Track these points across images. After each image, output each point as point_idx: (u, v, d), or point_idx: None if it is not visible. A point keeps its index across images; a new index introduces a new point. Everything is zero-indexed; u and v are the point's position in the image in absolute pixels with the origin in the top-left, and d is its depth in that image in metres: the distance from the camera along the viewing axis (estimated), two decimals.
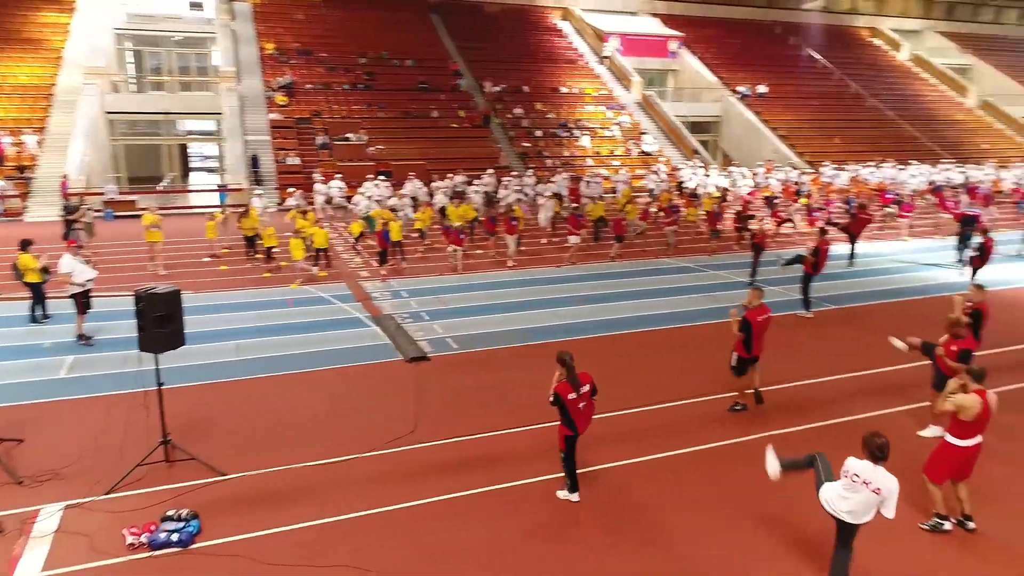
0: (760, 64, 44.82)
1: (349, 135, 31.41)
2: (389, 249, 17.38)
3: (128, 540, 6.73)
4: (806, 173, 32.03)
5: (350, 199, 24.02)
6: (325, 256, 17.59)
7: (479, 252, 19.60)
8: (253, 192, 23.34)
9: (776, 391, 10.14)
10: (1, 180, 25.95)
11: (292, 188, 24.13)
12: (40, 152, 27.97)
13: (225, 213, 19.85)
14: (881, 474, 5.46)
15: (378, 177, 26.58)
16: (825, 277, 15.23)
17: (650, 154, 35.34)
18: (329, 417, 9.59)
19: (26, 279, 12.90)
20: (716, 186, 27.28)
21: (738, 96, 41.01)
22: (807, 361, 11.63)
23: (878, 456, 5.47)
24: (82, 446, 8.55)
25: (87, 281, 12.35)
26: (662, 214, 21.32)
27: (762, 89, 41.74)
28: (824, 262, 13.98)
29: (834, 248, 16.26)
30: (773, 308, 9.78)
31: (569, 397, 7.08)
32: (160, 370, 8.02)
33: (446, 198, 22.72)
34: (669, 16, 47.34)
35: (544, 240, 21.35)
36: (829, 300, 15.19)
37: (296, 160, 29.95)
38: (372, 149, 31.24)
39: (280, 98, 33.02)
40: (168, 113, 34.48)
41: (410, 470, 8.20)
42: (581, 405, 7.22)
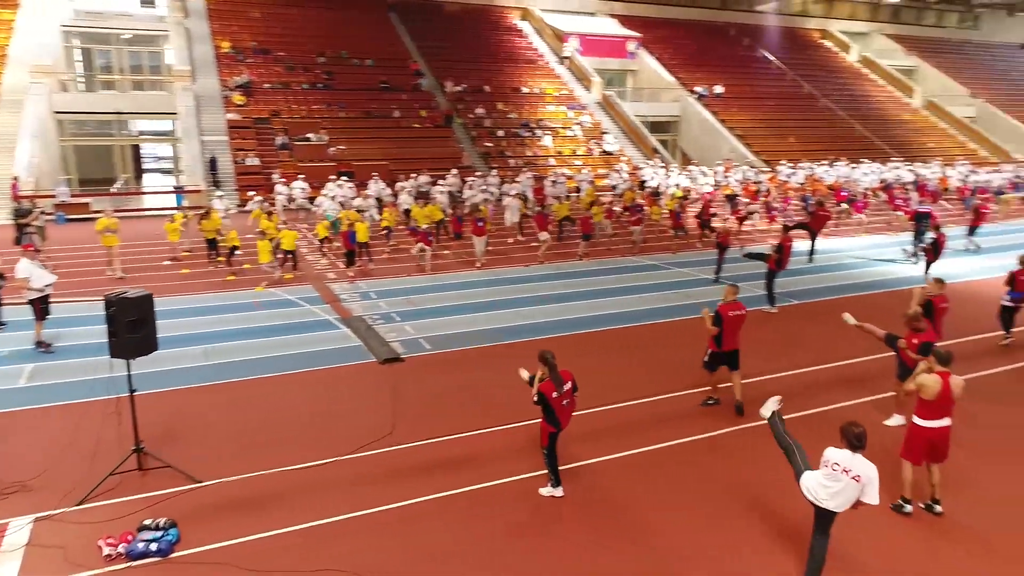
0: (716, 65, 45.65)
1: (309, 135, 31.02)
2: (356, 250, 17.22)
3: (105, 551, 6.56)
4: (763, 172, 32.73)
5: (313, 200, 23.71)
6: (292, 258, 17.36)
7: (446, 252, 19.56)
8: (214, 194, 22.87)
9: (745, 385, 10.33)
10: None
11: (252, 192, 23.69)
12: None
13: (187, 216, 19.42)
14: (860, 462, 5.64)
15: (340, 178, 26.30)
16: (787, 273, 15.61)
17: (611, 154, 35.71)
18: (305, 421, 9.48)
19: None
20: (677, 185, 27.68)
21: (695, 96, 41.69)
22: (773, 355, 11.90)
23: (856, 445, 5.65)
24: (49, 456, 8.30)
25: (46, 286, 11.98)
26: (627, 213, 21.54)
27: (719, 89, 42.51)
28: (787, 259, 14.33)
29: (795, 245, 16.64)
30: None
31: (553, 396, 7.14)
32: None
33: (411, 198, 22.62)
34: (626, 17, 47.87)
35: (511, 240, 21.41)
36: (792, 295, 15.58)
37: (256, 161, 29.46)
38: (333, 149, 30.91)
39: (237, 98, 32.43)
40: (120, 113, 33.55)
41: (391, 471, 8.17)
42: (565, 402, 7.30)
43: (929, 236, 16.91)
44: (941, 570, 6.48)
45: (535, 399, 7.24)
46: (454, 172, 27.70)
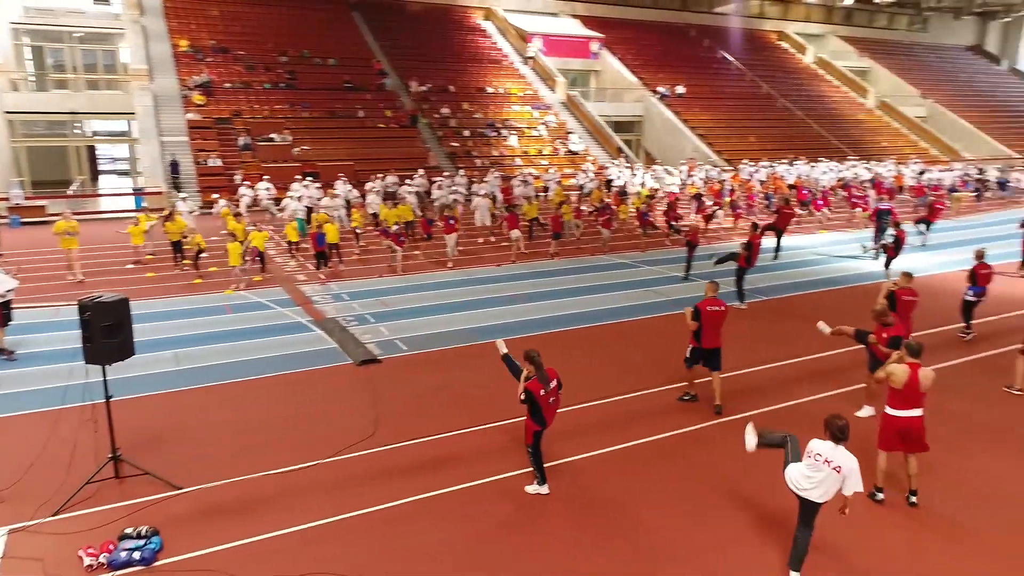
0: (677, 65, 46.26)
1: (273, 135, 30.57)
2: (326, 252, 17.06)
3: (86, 562, 6.42)
4: (726, 171, 33.29)
5: (279, 201, 23.39)
6: (261, 260, 17.12)
7: (416, 253, 19.49)
8: (177, 196, 22.40)
9: (706, 383, 10.47)
10: None
11: (216, 196, 23.25)
12: None
13: (151, 218, 18.98)
14: (841, 453, 5.82)
15: (306, 178, 25.98)
16: (754, 270, 15.89)
17: (577, 153, 35.95)
18: (284, 424, 9.38)
19: None
20: (643, 184, 27.98)
21: (658, 96, 42.19)
22: (745, 351, 12.11)
23: (839, 437, 5.82)
24: (20, 466, 8.06)
25: (7, 291, 11.63)
26: (595, 214, 21.68)
27: (680, 90, 43.08)
28: (756, 256, 14.63)
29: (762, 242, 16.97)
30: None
31: (540, 393, 7.20)
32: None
33: (379, 198, 22.46)
34: (587, 17, 48.19)
35: (481, 240, 21.43)
36: (760, 292, 15.90)
37: (218, 162, 28.92)
38: (297, 150, 30.52)
39: (197, 97, 31.79)
40: (75, 113, 32.63)
41: (375, 473, 8.14)
42: (551, 400, 7.36)
43: (890, 232, 17.40)
44: (918, 558, 6.70)
45: (522, 397, 7.28)
46: (421, 172, 27.59)
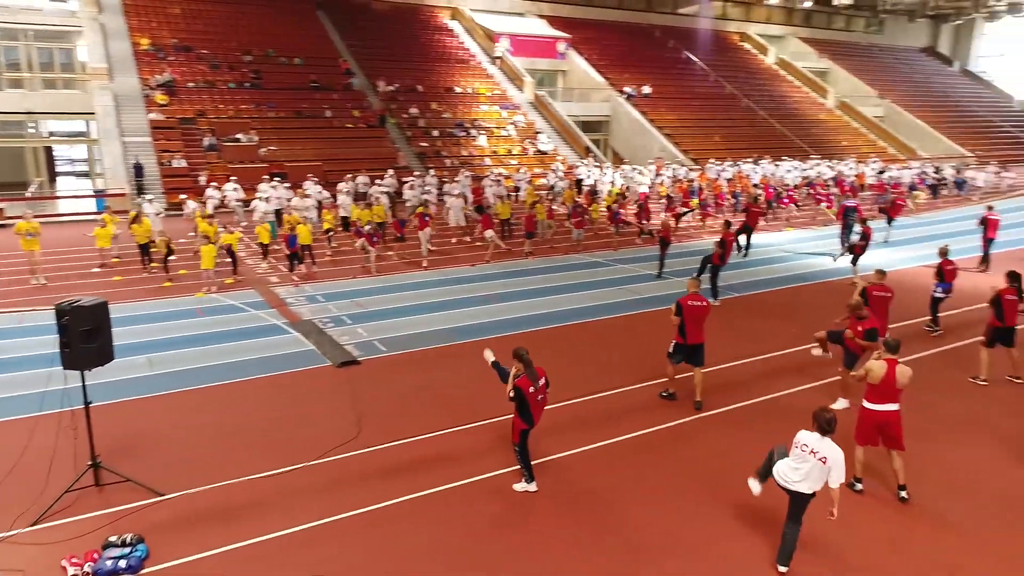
0: (643, 66, 46.70)
1: (239, 136, 30.09)
2: (299, 253, 16.89)
3: (70, 572, 6.29)
4: (693, 170, 33.72)
5: (248, 203, 23.05)
6: (233, 262, 16.87)
7: (389, 254, 19.38)
8: (144, 198, 21.93)
9: (687, 378, 10.62)
10: None
11: (184, 196, 22.82)
12: None
13: (115, 219, 18.55)
14: (827, 445, 5.98)
15: (273, 179, 25.63)
16: (725, 268, 16.14)
17: (546, 153, 36.07)
18: (266, 427, 9.28)
19: None
20: (612, 183, 28.17)
21: (625, 96, 42.55)
22: (721, 347, 12.26)
23: (826, 429, 5.99)
24: None
25: None
26: (571, 217, 21.68)
27: (647, 90, 43.50)
28: (729, 253, 14.87)
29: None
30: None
31: (529, 391, 7.25)
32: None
33: (349, 198, 22.28)
34: (554, 17, 48.38)
35: (454, 240, 21.40)
36: (732, 289, 16.15)
37: (182, 163, 28.37)
38: (264, 150, 30.08)
39: (160, 97, 31.14)
40: (31, 113, 31.73)
41: (361, 475, 8.10)
42: (539, 398, 7.41)
43: (857, 229, 17.81)
44: (902, 548, 6.88)
45: (511, 395, 7.32)
46: (390, 173, 27.42)
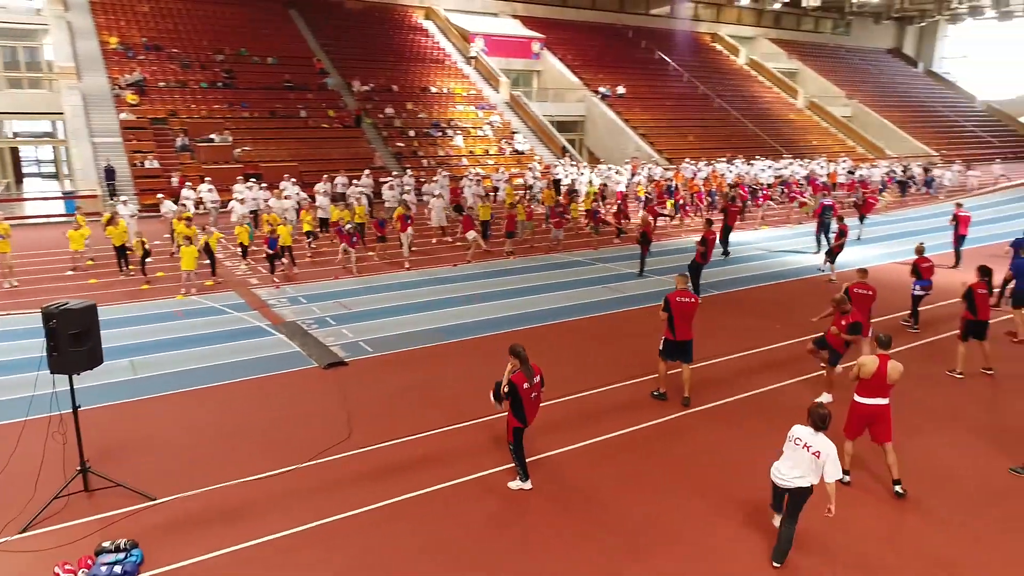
0: (617, 66, 47.01)
1: (213, 136, 29.68)
2: (280, 254, 16.74)
3: None
4: (668, 169, 34.03)
5: (226, 204, 22.77)
6: (212, 264, 16.67)
7: (370, 254, 19.30)
8: (119, 199, 21.54)
9: (676, 374, 10.76)
10: None
11: (161, 195, 22.48)
12: None
13: (86, 222, 18.19)
14: (821, 439, 6.13)
15: (249, 180, 25.34)
16: (707, 266, 16.34)
17: (523, 153, 36.15)
18: (255, 430, 9.20)
19: None
20: (591, 182, 28.30)
21: (599, 96, 42.81)
22: (704, 343, 12.40)
23: (820, 425, 6.14)
24: None
25: None
26: (551, 218, 21.72)
27: (621, 90, 43.80)
28: (711, 251, 15.05)
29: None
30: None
31: (524, 387, 7.29)
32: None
33: (327, 199, 22.14)
34: (528, 18, 48.50)
35: (435, 240, 21.37)
36: (711, 287, 16.33)
37: (155, 163, 27.92)
38: (239, 151, 29.72)
39: (130, 97, 30.61)
40: None
41: (355, 476, 8.08)
42: (533, 395, 7.45)
43: (834, 227, 18.13)
44: (895, 541, 7.02)
45: (505, 390, 7.36)
46: (367, 173, 27.30)
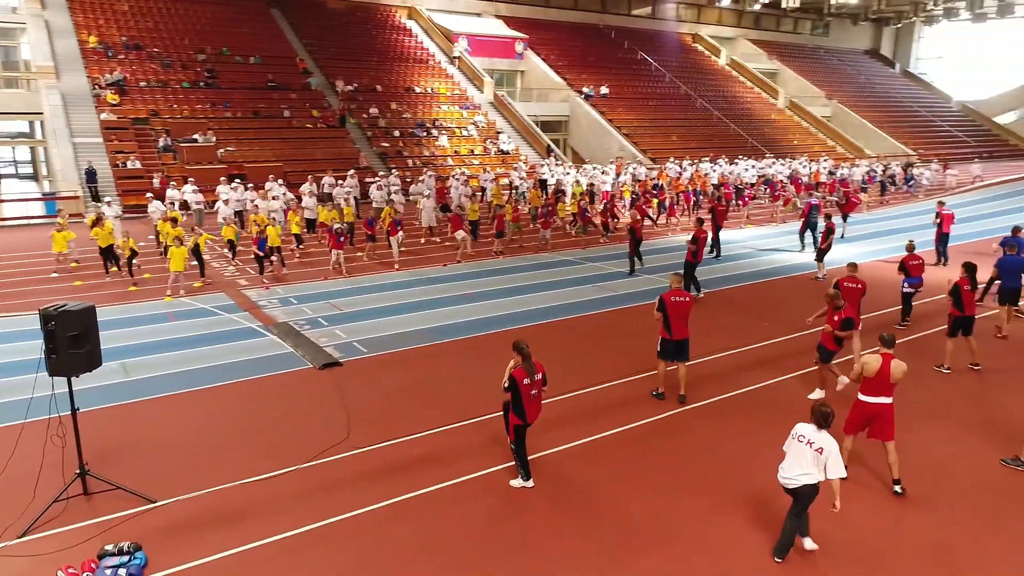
0: (600, 66, 47.23)
1: (196, 136, 29.41)
2: (271, 255, 16.65)
3: None
4: (652, 169, 34.23)
5: (212, 204, 22.58)
6: (200, 265, 16.53)
7: (359, 255, 19.25)
8: (103, 200, 21.31)
9: (673, 371, 10.85)
10: None
11: (150, 194, 22.25)
12: None
13: (65, 223, 17.91)
14: (823, 436, 6.24)
15: (234, 180, 25.14)
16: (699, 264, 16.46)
17: (508, 153, 36.18)
18: (253, 431, 9.15)
19: None
20: (578, 181, 28.40)
21: (583, 96, 42.97)
22: (697, 341, 12.48)
23: (822, 423, 6.25)
24: None
25: None
26: (539, 219, 21.72)
27: (604, 90, 44.00)
28: (703, 249, 15.17)
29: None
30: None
31: (524, 382, 7.33)
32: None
33: (313, 200, 22.02)
34: (510, 18, 48.56)
35: (423, 240, 21.35)
36: (702, 285, 16.44)
37: (137, 164, 27.60)
38: (222, 151, 29.46)
39: (111, 96, 30.25)
40: None
41: (355, 476, 8.06)
42: (533, 392, 7.47)
43: (821, 225, 18.34)
44: (895, 536, 7.12)
45: (506, 385, 7.40)
46: (352, 173, 27.18)
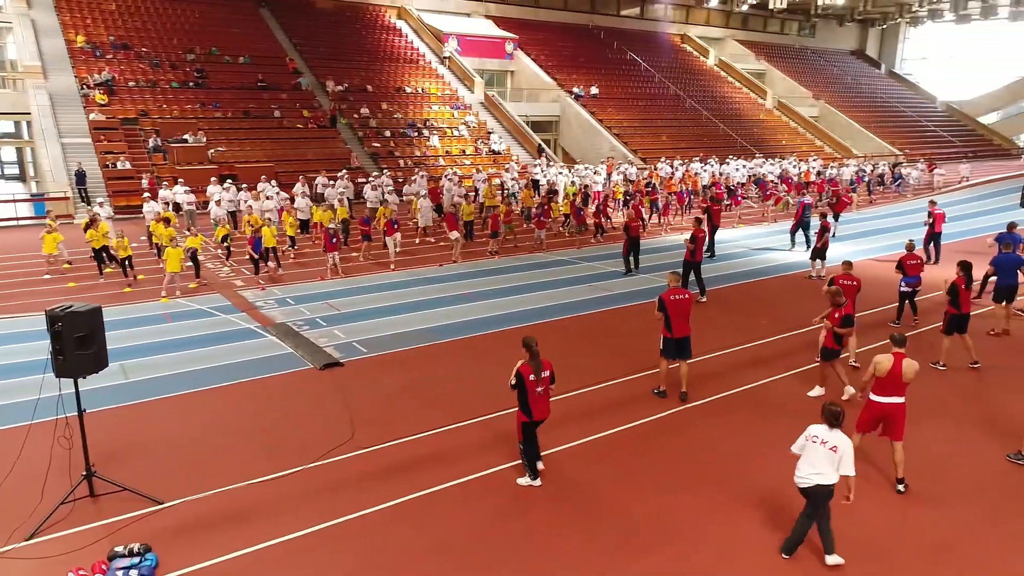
0: (590, 66, 47.36)
1: (186, 136, 29.21)
2: (265, 255, 16.59)
3: None
4: (643, 169, 34.36)
5: (206, 204, 22.45)
6: (195, 265, 16.45)
7: (355, 255, 19.21)
8: (96, 202, 21.15)
9: (674, 369, 10.94)
10: None
11: (147, 194, 22.10)
12: None
13: (53, 223, 17.77)
14: (836, 435, 6.30)
15: (226, 181, 24.98)
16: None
17: (499, 153, 36.21)
18: (257, 432, 9.14)
19: None
20: (573, 182, 28.46)
21: (573, 96, 43.07)
22: (695, 340, 12.56)
23: (834, 422, 6.30)
24: None
25: None
26: (533, 219, 21.73)
27: (595, 90, 44.12)
28: (701, 249, 15.24)
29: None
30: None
31: (530, 378, 7.38)
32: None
33: (306, 200, 21.96)
34: (500, 18, 48.58)
35: (417, 240, 21.35)
36: (695, 285, 16.55)
37: (127, 164, 27.38)
38: (213, 151, 29.29)
39: (99, 96, 30.00)
40: None
41: (361, 476, 8.07)
42: (539, 389, 7.51)
43: (816, 224, 18.49)
44: (900, 532, 7.20)
45: (513, 382, 7.44)
46: (344, 175, 27.09)
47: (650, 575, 6.41)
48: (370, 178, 25.80)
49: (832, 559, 6.42)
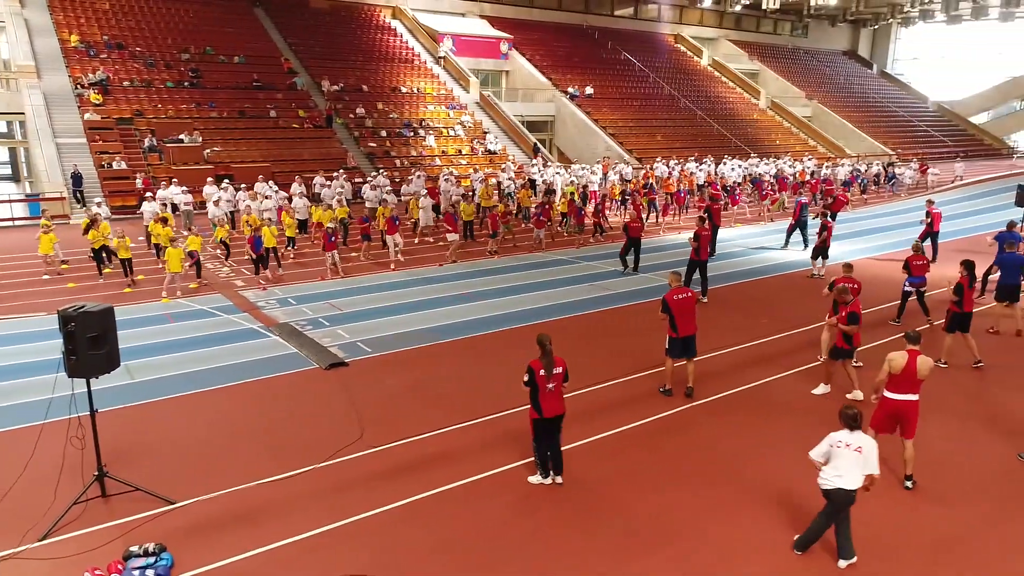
0: (585, 66, 47.46)
1: (182, 136, 29.12)
2: (265, 255, 16.58)
3: None
4: (639, 169, 34.47)
5: (203, 204, 22.40)
6: (196, 266, 16.42)
7: (354, 255, 19.21)
8: (93, 202, 21.08)
9: (681, 367, 11.01)
10: None
11: (148, 193, 22.05)
12: None
13: (48, 223, 17.67)
14: (859, 436, 6.35)
15: (222, 181, 24.93)
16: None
17: (495, 153, 36.24)
18: (265, 432, 9.15)
19: None
20: (572, 182, 28.52)
21: (568, 96, 43.15)
22: (698, 339, 12.71)
23: (853, 425, 6.35)
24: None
25: None
26: (532, 219, 21.76)
27: (589, 90, 44.22)
28: (705, 248, 15.27)
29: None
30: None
31: (540, 374, 7.43)
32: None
33: (303, 200, 21.93)
34: (495, 18, 48.62)
35: (416, 240, 21.36)
36: (696, 284, 16.62)
37: (122, 165, 27.29)
38: (209, 151, 29.21)
39: (94, 96, 29.87)
40: None
41: (371, 476, 8.10)
42: (550, 386, 7.54)
43: (813, 223, 18.62)
44: (909, 530, 7.26)
45: (525, 378, 7.49)
46: (339, 173, 27.08)
47: (650, 575, 6.46)
48: (368, 178, 25.76)
49: (843, 563, 6.48)
